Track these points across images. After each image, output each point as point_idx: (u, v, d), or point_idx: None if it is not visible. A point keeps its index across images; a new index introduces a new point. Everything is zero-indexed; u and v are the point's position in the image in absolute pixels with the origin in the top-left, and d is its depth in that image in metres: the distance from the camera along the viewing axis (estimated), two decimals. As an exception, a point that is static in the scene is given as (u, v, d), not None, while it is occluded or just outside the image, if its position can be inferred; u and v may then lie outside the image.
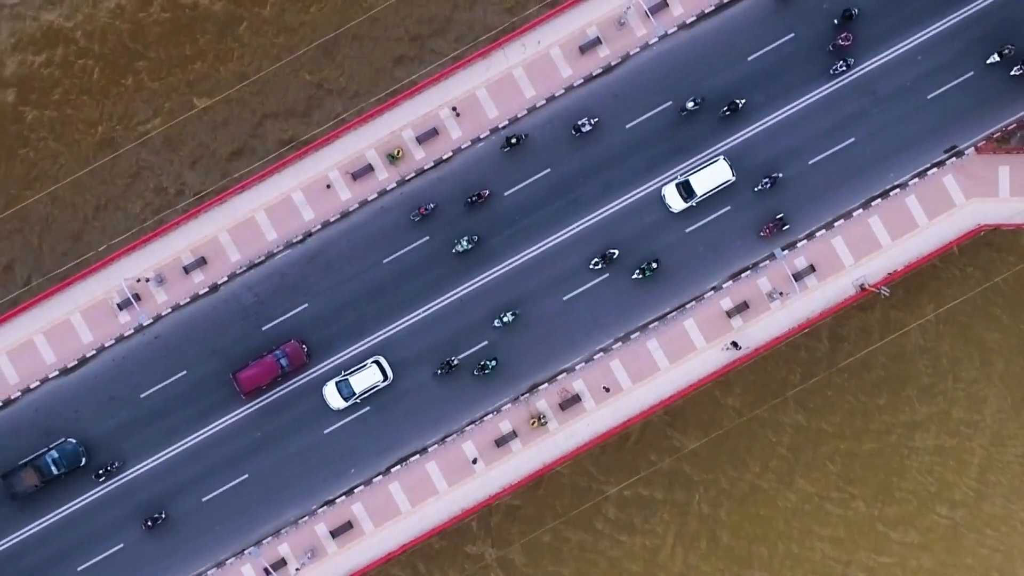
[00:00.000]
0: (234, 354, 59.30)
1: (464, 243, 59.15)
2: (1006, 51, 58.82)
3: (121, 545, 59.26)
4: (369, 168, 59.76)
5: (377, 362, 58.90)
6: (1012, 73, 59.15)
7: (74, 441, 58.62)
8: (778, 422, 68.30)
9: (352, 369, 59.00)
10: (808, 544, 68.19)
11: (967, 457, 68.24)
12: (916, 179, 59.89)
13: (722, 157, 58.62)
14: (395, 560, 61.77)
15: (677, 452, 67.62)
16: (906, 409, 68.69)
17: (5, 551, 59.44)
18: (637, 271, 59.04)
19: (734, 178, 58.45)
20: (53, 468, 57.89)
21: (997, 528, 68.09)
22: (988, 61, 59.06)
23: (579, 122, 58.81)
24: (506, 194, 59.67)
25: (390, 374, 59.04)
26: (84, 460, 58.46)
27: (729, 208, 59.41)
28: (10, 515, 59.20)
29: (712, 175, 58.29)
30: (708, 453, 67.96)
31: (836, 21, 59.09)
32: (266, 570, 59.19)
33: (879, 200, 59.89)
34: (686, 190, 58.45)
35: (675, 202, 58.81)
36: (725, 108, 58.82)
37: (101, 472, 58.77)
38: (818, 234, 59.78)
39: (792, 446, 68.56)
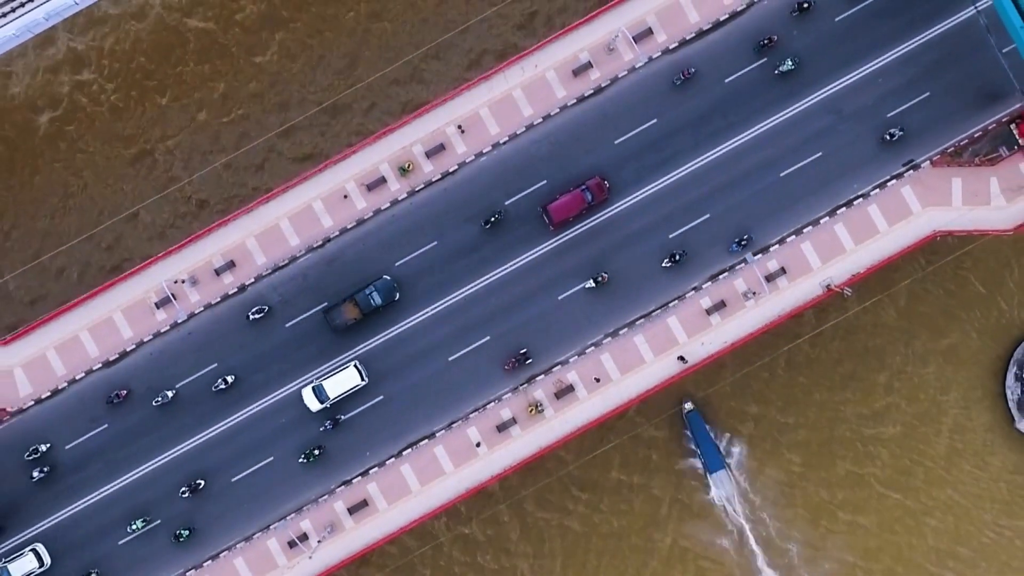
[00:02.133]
0: (259, 350, 65.80)
1: (789, 63, 64.42)
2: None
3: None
4: (382, 180, 65.91)
5: (34, 550, 64.54)
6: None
7: (389, 278, 65.14)
8: (743, 412, 75.06)
9: (11, 557, 64.49)
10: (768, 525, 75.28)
11: (921, 447, 74.47)
12: (877, 190, 66.01)
13: (353, 364, 64.78)
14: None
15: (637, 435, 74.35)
16: (866, 402, 74.83)
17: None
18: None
19: (365, 381, 64.73)
20: (371, 301, 64.40)
21: (943, 513, 74.33)
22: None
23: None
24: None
25: (47, 560, 64.62)
26: (397, 296, 64.88)
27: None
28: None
29: (344, 380, 64.57)
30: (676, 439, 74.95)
31: None
32: (290, 543, 65.46)
33: (844, 208, 66.00)
34: (320, 393, 64.75)
35: (312, 403, 64.90)
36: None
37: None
38: (788, 239, 65.99)
39: (753, 436, 75.24)
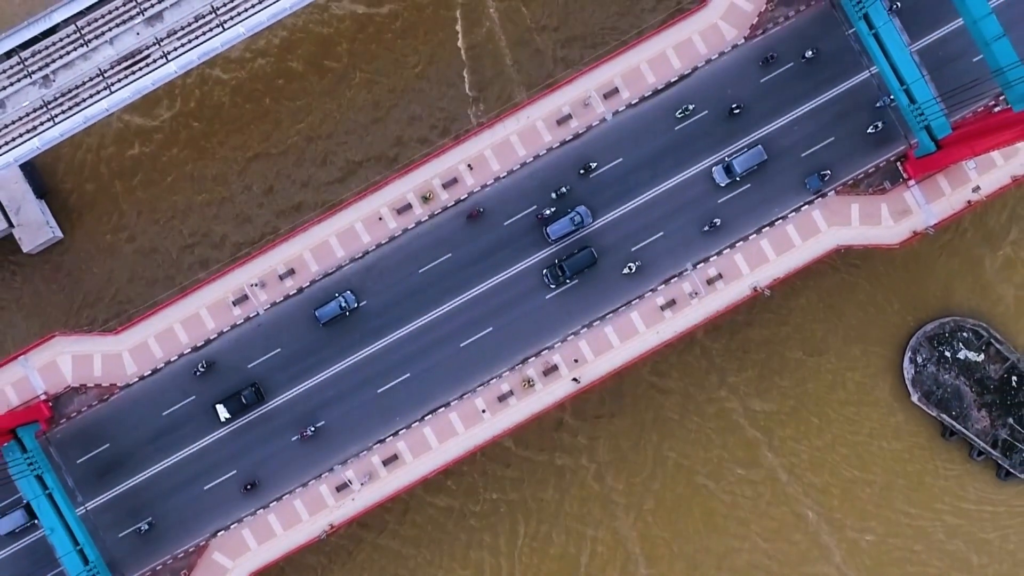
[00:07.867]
0: (314, 338, 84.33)
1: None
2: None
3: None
4: (409, 206, 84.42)
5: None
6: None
7: None
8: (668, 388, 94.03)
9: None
10: (673, 462, 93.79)
11: (830, 413, 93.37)
12: (793, 212, 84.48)
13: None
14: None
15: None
16: (773, 380, 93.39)
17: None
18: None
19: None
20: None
21: (822, 474, 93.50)
22: None
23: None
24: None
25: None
26: None
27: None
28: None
29: None
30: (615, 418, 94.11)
31: None
32: (337, 488, 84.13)
33: (767, 227, 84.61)
34: None
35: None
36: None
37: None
38: (724, 251, 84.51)
39: (676, 409, 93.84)
